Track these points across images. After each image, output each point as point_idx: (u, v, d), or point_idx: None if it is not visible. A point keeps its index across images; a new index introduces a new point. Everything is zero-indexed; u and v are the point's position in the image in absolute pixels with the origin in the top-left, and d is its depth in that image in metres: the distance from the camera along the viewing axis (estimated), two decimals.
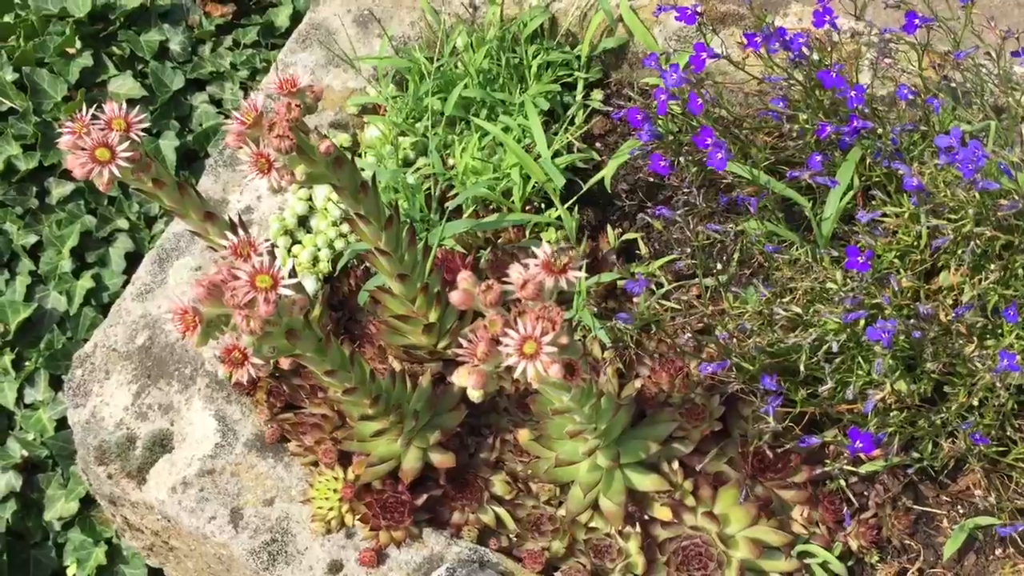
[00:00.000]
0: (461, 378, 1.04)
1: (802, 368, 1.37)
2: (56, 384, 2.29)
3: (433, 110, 1.80)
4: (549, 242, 1.61)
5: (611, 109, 1.81)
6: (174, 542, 1.65)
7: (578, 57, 1.88)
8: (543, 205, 1.75)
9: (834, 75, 1.40)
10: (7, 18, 2.62)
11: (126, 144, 1.26)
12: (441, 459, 1.47)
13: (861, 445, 1.29)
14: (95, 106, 1.29)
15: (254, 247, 1.04)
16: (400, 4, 1.93)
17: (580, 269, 1.04)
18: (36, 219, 2.45)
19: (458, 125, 1.84)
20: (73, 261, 2.41)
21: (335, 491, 1.47)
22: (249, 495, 1.54)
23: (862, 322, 1.37)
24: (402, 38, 1.91)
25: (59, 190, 2.46)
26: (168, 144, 2.46)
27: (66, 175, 2.49)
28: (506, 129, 1.75)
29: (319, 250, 1.71)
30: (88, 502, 2.24)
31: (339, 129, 1.84)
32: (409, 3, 1.94)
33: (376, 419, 1.38)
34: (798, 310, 1.40)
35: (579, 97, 1.85)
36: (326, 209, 1.73)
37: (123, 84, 2.50)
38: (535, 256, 1.03)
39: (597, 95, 1.86)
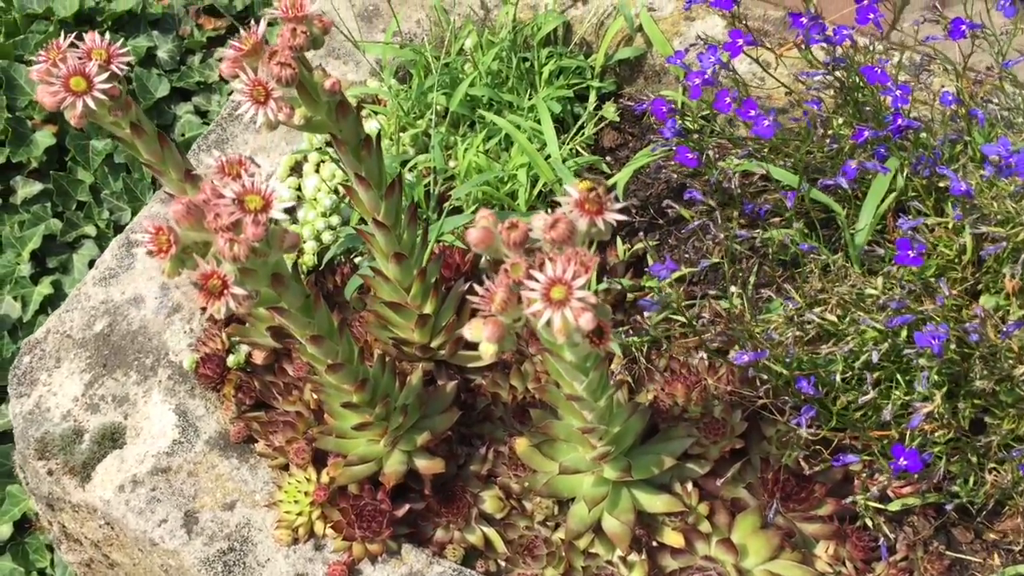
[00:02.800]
0: (474, 330, 0.89)
1: (838, 380, 1.23)
2: (2, 396, 2.10)
3: (437, 108, 1.69)
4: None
5: (632, 105, 1.70)
6: (116, 555, 1.46)
7: (592, 67, 1.78)
8: (550, 212, 1.63)
9: (878, 70, 1.31)
10: None
11: (105, 75, 1.13)
12: (428, 465, 1.31)
13: (906, 463, 1.15)
14: (74, 34, 1.16)
15: (244, 165, 0.91)
16: (407, 1, 1.84)
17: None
18: None
19: (461, 127, 1.73)
20: (33, 266, 2.25)
21: (306, 494, 1.30)
22: (207, 497, 1.36)
23: (904, 332, 1.24)
24: (407, 35, 1.81)
25: (25, 189, 2.31)
26: None
27: (35, 174, 2.35)
28: (516, 127, 1.64)
29: (305, 242, 1.57)
30: (23, 528, 2.04)
31: None
32: (417, 1, 1.84)
33: (360, 410, 1.22)
34: (832, 318, 1.27)
35: (591, 107, 1.75)
36: (315, 199, 1.60)
37: None
38: (567, 194, 0.90)
39: (610, 107, 1.76)
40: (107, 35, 1.16)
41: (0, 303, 2.23)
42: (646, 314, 1.29)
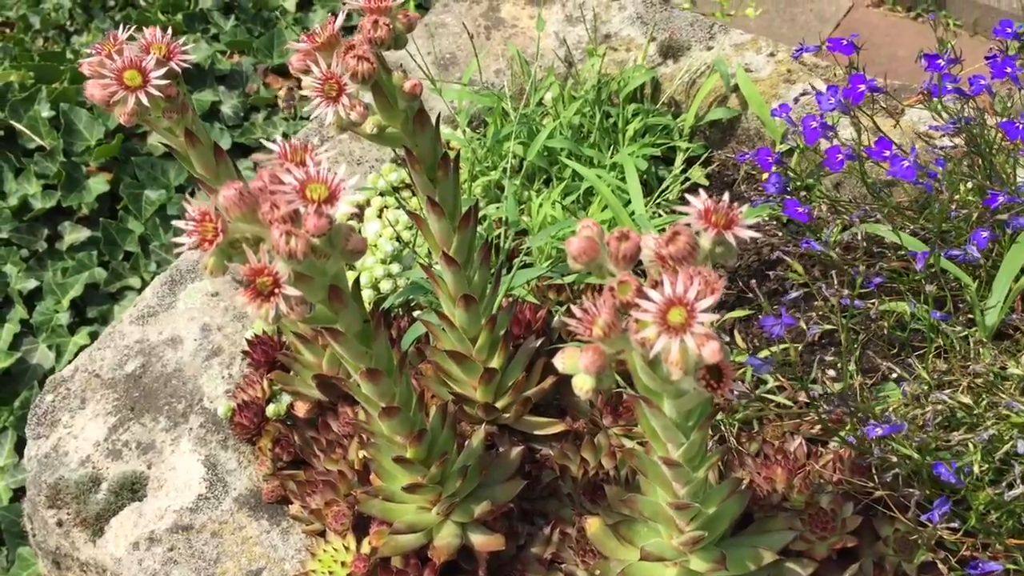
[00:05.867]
0: (568, 360, 0.74)
1: (976, 470, 1.05)
2: (23, 449, 1.96)
3: (512, 160, 1.56)
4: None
5: (732, 157, 1.57)
6: None
7: (680, 127, 1.66)
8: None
9: (1020, 126, 1.16)
10: (55, 62, 2.47)
11: (162, 71, 1.02)
12: (485, 541, 1.13)
13: None
14: (133, 27, 1.06)
15: (310, 152, 0.77)
16: (488, 51, 1.74)
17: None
18: (41, 263, 2.20)
19: (537, 181, 1.60)
20: (72, 315, 2.14)
21: (342, 564, 1.13)
22: (230, 563, 1.19)
23: None
24: (486, 84, 1.70)
25: (72, 236, 2.22)
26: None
27: (84, 221, 2.26)
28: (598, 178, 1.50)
29: (361, 290, 1.43)
30: None
31: (404, 166, 1.60)
32: (497, 51, 1.74)
33: (413, 468, 1.06)
34: (967, 400, 1.09)
35: (678, 169, 1.62)
36: (375, 245, 1.47)
37: None
38: (688, 203, 0.75)
39: (698, 171, 1.62)
40: (168, 31, 1.06)
41: (34, 351, 2.12)
42: (754, 374, 1.12)
